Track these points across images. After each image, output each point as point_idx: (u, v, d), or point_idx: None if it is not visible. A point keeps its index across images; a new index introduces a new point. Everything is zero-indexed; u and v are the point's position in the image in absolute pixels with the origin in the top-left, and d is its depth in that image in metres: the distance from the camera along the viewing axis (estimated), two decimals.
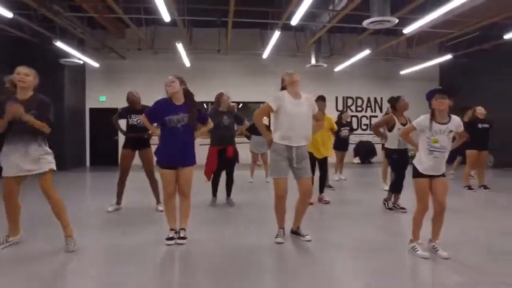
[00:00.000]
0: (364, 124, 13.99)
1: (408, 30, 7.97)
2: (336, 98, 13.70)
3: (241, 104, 12.54)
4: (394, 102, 5.18)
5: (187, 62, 11.17)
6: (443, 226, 3.19)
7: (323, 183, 5.62)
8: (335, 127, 5.78)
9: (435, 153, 3.07)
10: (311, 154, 5.26)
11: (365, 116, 14.05)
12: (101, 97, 12.37)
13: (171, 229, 3.54)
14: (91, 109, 12.33)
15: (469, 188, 6.69)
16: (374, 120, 13.71)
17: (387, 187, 5.83)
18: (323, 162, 5.51)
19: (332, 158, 6.33)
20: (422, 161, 3.14)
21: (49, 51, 9.40)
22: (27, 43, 9.48)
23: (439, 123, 3.07)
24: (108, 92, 12.26)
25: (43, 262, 3.03)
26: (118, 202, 5.01)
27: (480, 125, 6.63)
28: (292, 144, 3.47)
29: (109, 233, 3.95)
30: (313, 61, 11.14)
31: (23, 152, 3.12)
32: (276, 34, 9.05)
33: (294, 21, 7.37)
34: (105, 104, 12.02)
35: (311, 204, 4.65)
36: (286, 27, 10.16)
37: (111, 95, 12.13)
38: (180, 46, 9.47)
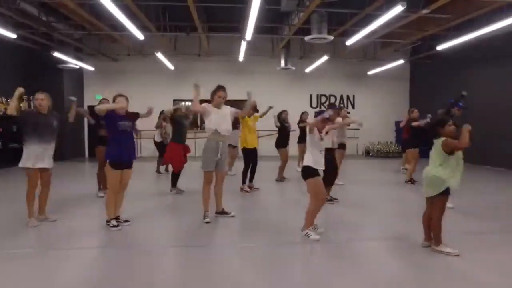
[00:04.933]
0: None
1: (350, 42, 9.21)
2: (310, 96, 14.99)
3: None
4: None
5: (170, 66, 12.61)
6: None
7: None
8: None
9: (322, 152, 4.20)
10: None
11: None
12: (97, 95, 13.93)
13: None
14: (88, 107, 13.92)
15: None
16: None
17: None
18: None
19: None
20: (316, 160, 4.07)
21: (50, 58, 10.94)
22: (31, 51, 11.05)
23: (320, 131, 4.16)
24: (103, 91, 13.84)
25: None
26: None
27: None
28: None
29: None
30: (282, 64, 12.41)
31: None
32: (244, 43, 10.37)
33: (248, 36, 8.69)
34: None
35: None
36: (263, 31, 11.44)
37: (106, 93, 13.74)
38: (159, 55, 10.89)
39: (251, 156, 6.80)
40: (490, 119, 10.70)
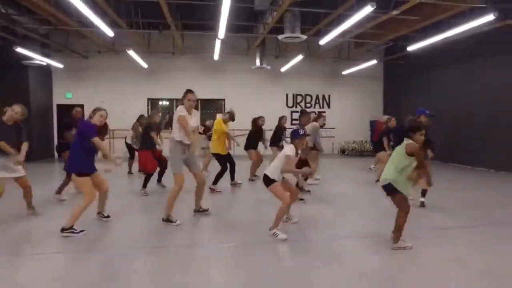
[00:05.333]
0: (312, 120, 15.41)
1: (323, 41, 9.29)
2: (286, 95, 15.05)
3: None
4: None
5: (143, 64, 12.31)
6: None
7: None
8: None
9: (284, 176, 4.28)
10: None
11: (314, 112, 15.42)
12: (67, 93, 13.45)
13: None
14: (58, 105, 13.40)
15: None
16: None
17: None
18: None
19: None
20: (276, 176, 4.13)
21: (13, 53, 10.40)
22: None
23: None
24: (74, 89, 13.38)
25: None
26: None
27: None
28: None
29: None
30: (257, 63, 12.38)
31: None
32: (218, 42, 10.26)
33: (221, 34, 8.59)
34: (71, 101, 13.11)
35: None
36: (238, 30, 11.36)
37: (76, 92, 13.32)
38: (131, 52, 10.60)
39: (225, 160, 6.84)
40: (458, 118, 11.11)
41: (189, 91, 4.75)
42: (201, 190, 4.98)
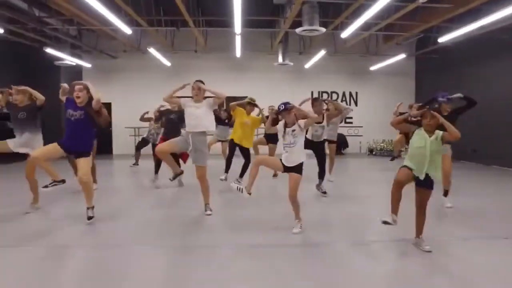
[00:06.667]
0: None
1: (345, 34, 8.83)
2: (312, 93, 14.58)
3: None
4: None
5: (166, 62, 12.48)
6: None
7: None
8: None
9: (286, 148, 4.11)
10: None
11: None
12: None
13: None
14: None
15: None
16: (350, 114, 14.57)
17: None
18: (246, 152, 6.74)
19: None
20: (284, 156, 4.12)
21: (46, 55, 10.95)
22: (27, 48, 11.09)
23: (286, 127, 4.12)
24: (102, 88, 13.82)
25: None
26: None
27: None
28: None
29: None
30: (280, 59, 12.08)
31: None
32: (238, 38, 10.12)
33: (237, 29, 8.43)
34: None
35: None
36: (260, 25, 11.15)
37: (105, 91, 13.77)
38: (152, 50, 10.74)
39: (241, 151, 6.67)
40: (500, 117, 10.12)
41: (195, 81, 4.90)
42: (201, 186, 4.81)
